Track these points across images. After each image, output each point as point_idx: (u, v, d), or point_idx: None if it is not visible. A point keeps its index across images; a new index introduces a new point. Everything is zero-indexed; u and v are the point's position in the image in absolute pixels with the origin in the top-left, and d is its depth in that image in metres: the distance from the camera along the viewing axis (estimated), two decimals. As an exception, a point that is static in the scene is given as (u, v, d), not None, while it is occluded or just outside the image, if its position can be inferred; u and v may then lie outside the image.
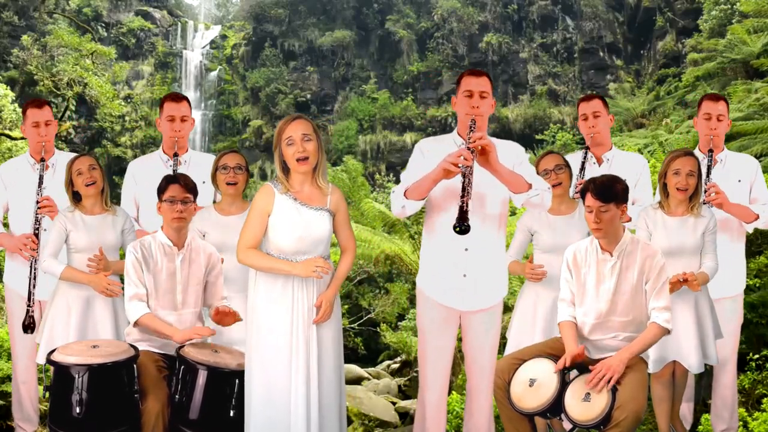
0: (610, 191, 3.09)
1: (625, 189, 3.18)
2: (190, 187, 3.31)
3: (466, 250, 3.33)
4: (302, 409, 3.01)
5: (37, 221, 3.75)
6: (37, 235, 3.72)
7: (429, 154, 3.37)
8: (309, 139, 3.12)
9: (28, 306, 3.69)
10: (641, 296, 3.17)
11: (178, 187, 3.27)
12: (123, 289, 3.43)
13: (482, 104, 3.33)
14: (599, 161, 3.92)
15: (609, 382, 2.98)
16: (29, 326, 3.69)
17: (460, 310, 3.42)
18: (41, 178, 3.81)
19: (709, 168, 3.81)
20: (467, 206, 2.97)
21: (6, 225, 4.02)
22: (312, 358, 3.07)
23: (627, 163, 3.94)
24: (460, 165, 3.02)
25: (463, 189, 3.01)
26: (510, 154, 3.38)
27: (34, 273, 3.71)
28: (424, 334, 3.52)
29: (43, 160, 3.86)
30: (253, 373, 3.08)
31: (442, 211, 3.35)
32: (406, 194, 3.26)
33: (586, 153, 3.92)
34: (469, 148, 3.06)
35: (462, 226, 2.95)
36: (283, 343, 3.07)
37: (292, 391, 3.03)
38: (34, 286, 3.71)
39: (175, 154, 3.87)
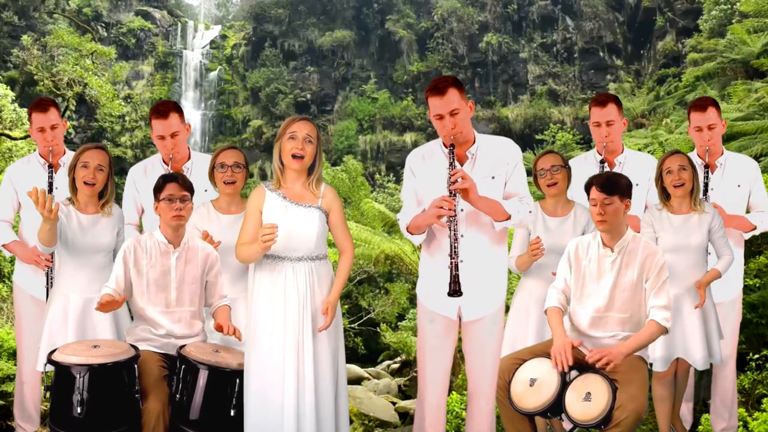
0: (615, 184, 3.15)
1: (629, 185, 3.22)
2: (188, 186, 3.32)
3: (462, 261, 3.34)
4: (292, 411, 3.01)
5: None
6: None
7: (419, 173, 3.40)
8: (310, 141, 3.18)
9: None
10: (640, 294, 3.18)
11: (175, 185, 3.28)
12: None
13: (457, 121, 3.23)
14: (611, 165, 3.83)
15: (607, 365, 2.99)
16: None
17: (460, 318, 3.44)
18: (50, 185, 3.81)
19: (706, 185, 3.80)
20: (457, 269, 3.09)
21: (15, 228, 4.03)
22: (306, 361, 3.06)
23: (639, 164, 3.86)
24: (448, 208, 3.09)
25: (451, 246, 3.11)
26: (504, 157, 3.37)
27: (51, 276, 3.71)
28: (424, 338, 3.53)
29: (51, 166, 3.86)
30: (250, 374, 3.09)
31: (440, 235, 3.36)
32: (408, 230, 3.35)
33: (602, 164, 3.79)
34: (450, 192, 3.11)
35: (454, 292, 3.08)
36: (276, 344, 3.08)
37: (285, 393, 3.03)
38: (51, 286, 3.71)
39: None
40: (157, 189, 3.30)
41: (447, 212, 3.08)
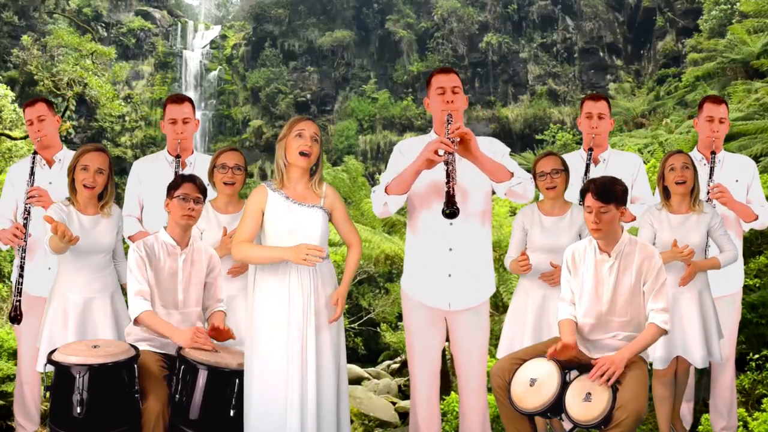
0: (611, 192, 3.10)
1: (625, 191, 3.20)
2: (203, 189, 3.35)
3: (450, 249, 3.34)
4: (296, 412, 3.00)
5: (26, 211, 3.74)
6: (25, 226, 3.72)
7: (408, 154, 3.39)
8: (316, 141, 3.19)
9: (15, 297, 3.68)
10: (639, 297, 3.17)
11: (192, 185, 3.30)
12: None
13: (456, 99, 3.35)
14: (596, 162, 3.96)
15: (610, 378, 2.98)
16: (16, 318, 3.67)
17: (446, 311, 3.43)
18: (32, 169, 3.84)
19: (711, 169, 3.89)
20: (453, 191, 3.01)
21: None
22: (309, 361, 3.06)
23: (623, 162, 3.98)
24: (441, 152, 3.07)
25: (448, 175, 3.05)
26: (493, 149, 3.39)
27: (21, 263, 3.71)
28: (411, 335, 3.53)
29: (36, 152, 3.89)
30: (252, 376, 3.08)
31: (424, 209, 3.37)
32: (387, 190, 3.29)
33: (590, 153, 3.92)
34: (449, 139, 3.09)
35: (450, 209, 2.98)
36: (279, 345, 3.07)
37: (288, 393, 3.03)
38: (21, 276, 3.70)
39: (178, 156, 3.87)
40: (173, 186, 3.31)
41: (446, 147, 3.04)
